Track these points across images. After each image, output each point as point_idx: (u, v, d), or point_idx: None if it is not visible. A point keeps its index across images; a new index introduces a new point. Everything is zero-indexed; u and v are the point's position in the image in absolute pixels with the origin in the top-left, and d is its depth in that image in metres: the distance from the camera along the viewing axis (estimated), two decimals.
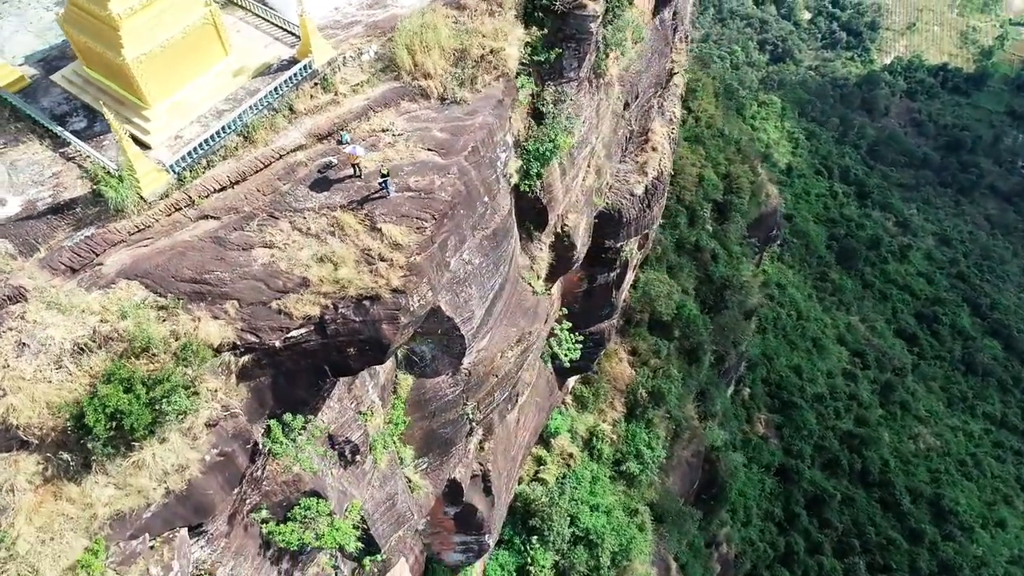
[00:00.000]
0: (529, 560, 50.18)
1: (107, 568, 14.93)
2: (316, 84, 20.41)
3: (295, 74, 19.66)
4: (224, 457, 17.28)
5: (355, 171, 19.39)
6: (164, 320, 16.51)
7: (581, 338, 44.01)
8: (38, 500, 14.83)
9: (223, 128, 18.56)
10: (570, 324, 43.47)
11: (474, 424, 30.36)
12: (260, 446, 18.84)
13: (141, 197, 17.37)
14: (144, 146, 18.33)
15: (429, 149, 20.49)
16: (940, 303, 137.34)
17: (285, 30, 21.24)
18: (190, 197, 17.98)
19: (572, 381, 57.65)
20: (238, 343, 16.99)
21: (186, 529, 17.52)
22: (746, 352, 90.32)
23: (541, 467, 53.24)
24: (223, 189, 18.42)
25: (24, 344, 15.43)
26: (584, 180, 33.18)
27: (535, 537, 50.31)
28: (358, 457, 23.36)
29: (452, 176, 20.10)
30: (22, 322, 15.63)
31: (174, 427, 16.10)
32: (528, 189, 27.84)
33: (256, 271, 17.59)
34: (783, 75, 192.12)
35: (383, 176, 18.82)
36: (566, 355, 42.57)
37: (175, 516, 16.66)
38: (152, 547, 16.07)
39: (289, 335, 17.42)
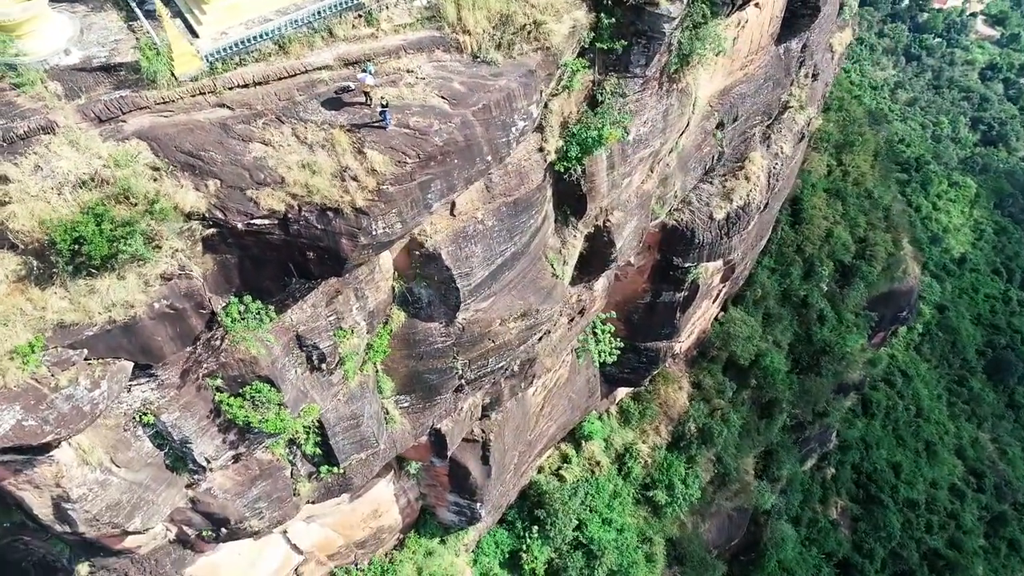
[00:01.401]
0: (524, 547, 50.64)
1: (41, 363, 17.59)
2: (360, 16, 22.20)
3: (339, 2, 21.55)
4: (174, 311, 19.62)
5: (366, 99, 21.01)
6: (155, 180, 18.96)
7: (622, 344, 43.78)
8: (7, 291, 17.72)
9: (262, 34, 20.81)
10: (614, 328, 43.38)
11: (464, 382, 31.35)
12: (219, 317, 21.06)
13: (173, 74, 19.92)
14: (195, 35, 20.94)
15: (442, 96, 21.74)
16: None
17: None
18: (215, 86, 20.33)
19: (621, 393, 57.15)
20: (206, 216, 19.18)
21: (131, 364, 20.08)
22: (834, 428, 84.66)
23: (565, 464, 53.39)
24: (246, 86, 20.64)
25: (39, 167, 18.35)
26: (643, 184, 33.10)
27: (536, 527, 50.68)
28: (324, 365, 25.19)
29: (452, 125, 21.25)
30: (45, 150, 18.55)
31: (133, 269, 18.56)
32: (564, 170, 28.39)
33: (246, 161, 19.66)
34: (989, 160, 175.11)
35: (382, 107, 20.32)
36: (600, 355, 42.57)
37: (119, 347, 19.17)
38: (89, 362, 18.66)
39: (251, 222, 19.39)
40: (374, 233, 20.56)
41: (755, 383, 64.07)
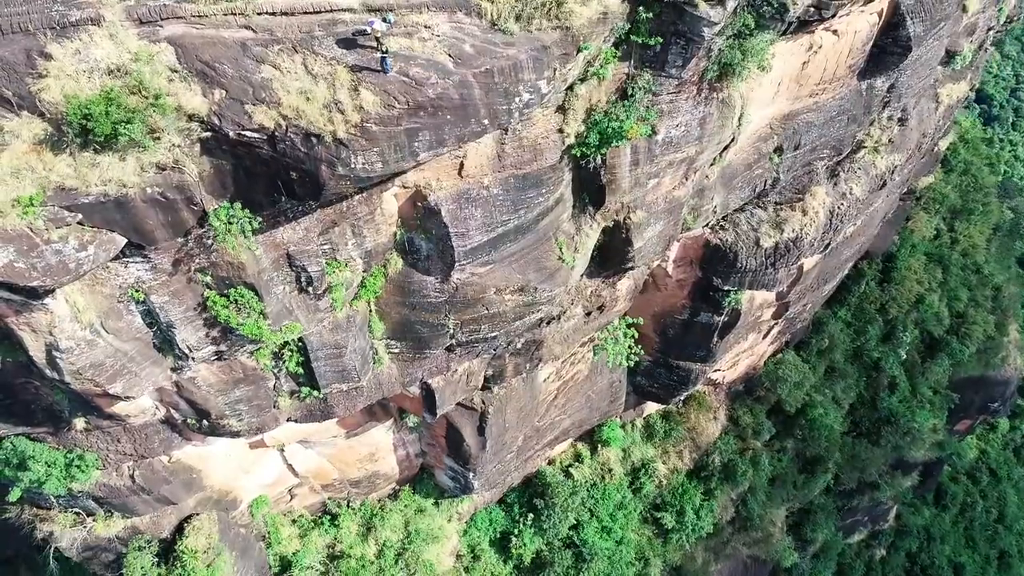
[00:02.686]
0: (516, 532, 51.27)
1: (39, 216, 20.22)
2: None
3: None
4: (165, 200, 21.87)
5: (377, 44, 22.47)
6: (170, 80, 21.24)
7: (642, 351, 43.57)
8: (26, 150, 20.48)
9: None
10: (636, 333, 43.24)
11: (456, 343, 32.46)
12: (209, 218, 23.22)
13: None
14: None
15: (449, 55, 22.87)
16: None
17: None
18: (246, 9, 22.40)
19: (651, 408, 56.51)
20: (204, 120, 21.28)
21: (124, 241, 22.54)
22: (891, 506, 79.35)
23: (576, 463, 53.51)
24: (273, 14, 22.58)
25: (79, 52, 20.98)
26: (674, 189, 32.89)
27: (532, 515, 51.20)
28: (311, 288, 27.02)
29: (449, 82, 22.36)
30: (88, 37, 21.14)
31: (133, 153, 20.92)
32: (581, 156, 28.85)
33: (254, 79, 21.57)
34: None
35: (383, 54, 21.73)
36: (615, 357, 42.53)
37: (112, 220, 21.61)
38: (82, 226, 21.23)
39: (242, 132, 21.29)
40: (352, 166, 22.04)
41: (799, 435, 61.39)
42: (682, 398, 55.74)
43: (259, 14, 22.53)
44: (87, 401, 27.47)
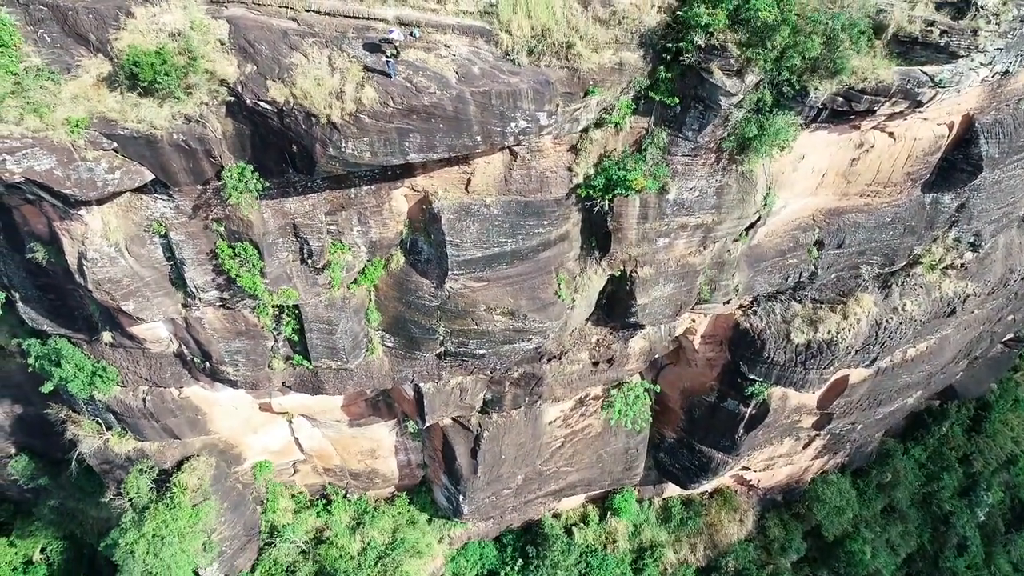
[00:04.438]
0: (503, 574, 50.97)
1: (82, 136, 24.23)
2: None
3: None
4: (187, 148, 25.38)
5: (396, 52, 25.12)
6: (214, 50, 24.92)
7: (651, 416, 42.70)
8: (91, 84, 24.71)
9: None
10: (650, 398, 42.59)
11: (445, 352, 33.90)
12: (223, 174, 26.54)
13: None
14: None
15: (456, 72, 25.05)
16: None
17: None
18: (297, 5, 25.80)
19: (673, 491, 54.68)
20: (231, 86, 24.66)
21: (151, 176, 26.24)
22: None
23: (581, 524, 52.55)
24: (318, 12, 25.90)
25: (155, 15, 25.18)
26: (688, 254, 32.93)
27: (522, 561, 50.78)
28: (311, 261, 29.68)
29: (446, 94, 24.47)
30: (166, 5, 25.26)
31: (169, 102, 24.65)
32: (586, 196, 29.90)
33: (284, 63, 24.79)
34: None
35: (387, 57, 24.29)
36: (620, 415, 42.12)
37: (143, 156, 25.37)
38: (116, 153, 25.09)
39: (257, 102, 24.43)
40: (342, 149, 24.54)
41: (837, 567, 56.51)
42: (707, 489, 53.64)
43: (307, 11, 25.91)
44: (112, 316, 31.50)
